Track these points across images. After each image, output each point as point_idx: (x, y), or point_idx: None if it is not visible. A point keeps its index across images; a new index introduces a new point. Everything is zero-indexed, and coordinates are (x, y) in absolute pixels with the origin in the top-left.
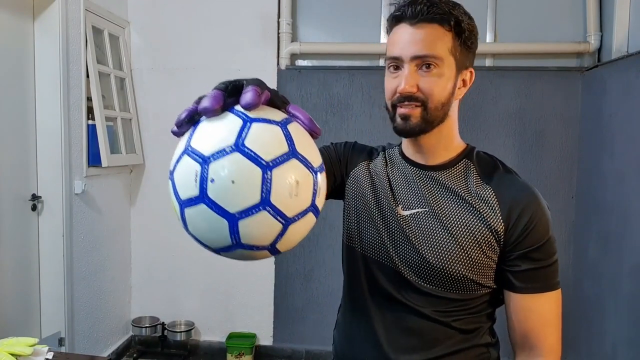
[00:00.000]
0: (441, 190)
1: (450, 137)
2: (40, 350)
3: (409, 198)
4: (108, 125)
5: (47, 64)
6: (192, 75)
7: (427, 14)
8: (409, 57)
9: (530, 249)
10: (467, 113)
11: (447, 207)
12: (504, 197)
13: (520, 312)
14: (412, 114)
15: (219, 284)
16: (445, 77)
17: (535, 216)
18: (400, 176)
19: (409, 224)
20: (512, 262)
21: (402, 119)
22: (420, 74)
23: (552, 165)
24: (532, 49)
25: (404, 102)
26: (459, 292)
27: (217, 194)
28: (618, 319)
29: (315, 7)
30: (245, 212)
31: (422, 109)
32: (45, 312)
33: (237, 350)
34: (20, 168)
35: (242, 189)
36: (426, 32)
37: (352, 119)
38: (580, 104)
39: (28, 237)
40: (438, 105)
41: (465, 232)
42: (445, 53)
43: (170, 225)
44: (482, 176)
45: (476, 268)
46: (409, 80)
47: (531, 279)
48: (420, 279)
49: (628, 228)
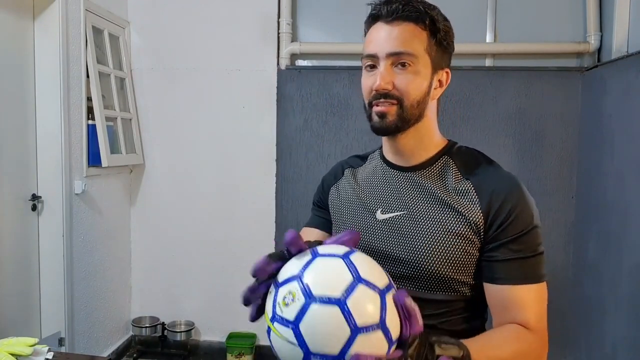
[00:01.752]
0: (418, 191)
1: (428, 136)
2: (40, 350)
3: (388, 201)
4: (108, 125)
5: (47, 64)
6: (192, 75)
7: (402, 12)
8: (384, 54)
9: (511, 238)
10: (467, 113)
11: (423, 208)
12: (484, 188)
13: (499, 304)
14: (388, 111)
15: (219, 284)
16: (420, 75)
17: (516, 206)
18: (381, 180)
19: (385, 228)
20: (491, 252)
21: (379, 117)
22: (396, 72)
23: (552, 165)
24: (532, 49)
25: (380, 100)
26: (443, 293)
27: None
28: (618, 319)
29: (315, 7)
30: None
31: (398, 107)
32: (45, 312)
33: (237, 350)
34: (20, 168)
35: None
36: (401, 29)
37: (352, 119)
38: (580, 104)
39: (28, 237)
40: (414, 103)
41: (442, 232)
42: (421, 51)
43: (170, 225)
44: (462, 171)
45: (457, 266)
46: (384, 77)
47: (511, 270)
48: (401, 284)
49: (628, 228)
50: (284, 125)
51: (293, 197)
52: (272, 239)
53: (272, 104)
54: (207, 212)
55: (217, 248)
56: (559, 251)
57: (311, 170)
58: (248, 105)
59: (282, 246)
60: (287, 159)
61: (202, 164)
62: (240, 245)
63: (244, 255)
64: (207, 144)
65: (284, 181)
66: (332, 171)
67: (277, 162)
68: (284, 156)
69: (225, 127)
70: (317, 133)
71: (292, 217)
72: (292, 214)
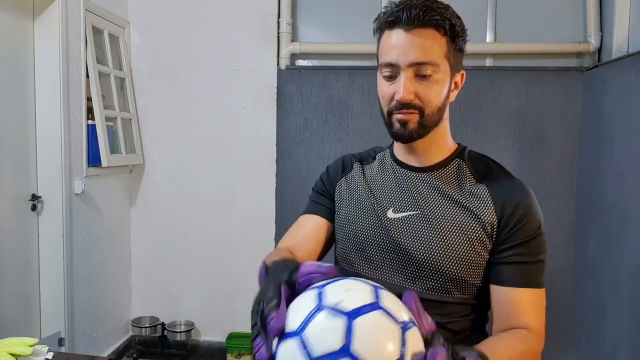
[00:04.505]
0: (432, 192)
1: (443, 138)
2: (40, 350)
3: (400, 201)
4: (108, 125)
5: (47, 64)
6: (192, 75)
7: (422, 19)
8: (406, 63)
9: (519, 242)
10: (467, 113)
11: (438, 208)
12: (498, 193)
13: (503, 305)
14: (409, 119)
15: (219, 284)
16: (440, 82)
17: (527, 212)
18: (392, 179)
19: (398, 227)
20: (500, 254)
21: (401, 125)
22: (418, 81)
23: (552, 165)
24: (532, 49)
25: (402, 109)
26: (452, 294)
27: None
28: (618, 319)
29: (315, 7)
30: None
31: (419, 115)
32: (45, 312)
33: (237, 350)
34: (20, 168)
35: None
36: (422, 38)
37: (352, 119)
38: (580, 104)
39: (28, 237)
40: (434, 110)
41: (457, 232)
42: (441, 58)
43: (170, 225)
44: (476, 174)
45: (469, 267)
46: (407, 88)
47: (517, 272)
48: (412, 284)
49: (628, 228)
50: (284, 125)
51: (293, 197)
52: (272, 238)
53: (272, 104)
54: (207, 211)
55: (217, 248)
56: (559, 251)
57: (311, 170)
58: (248, 105)
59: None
60: (287, 159)
61: (202, 164)
62: (240, 245)
63: (244, 255)
64: (207, 144)
65: (284, 181)
66: (339, 163)
67: (277, 162)
68: (284, 156)
69: (225, 127)
70: (317, 133)
71: (292, 217)
72: (292, 214)
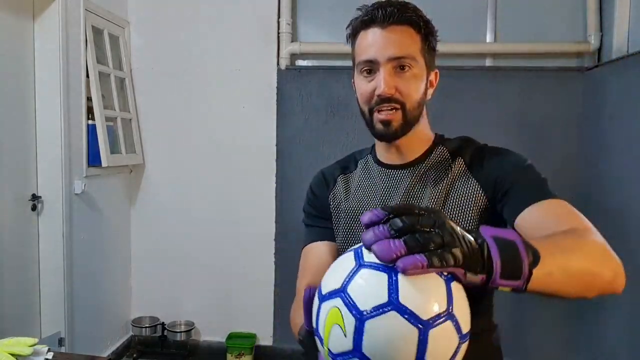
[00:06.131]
0: (420, 185)
1: (423, 132)
2: (40, 350)
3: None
4: (108, 125)
5: (47, 64)
6: (192, 75)
7: (398, 16)
8: (385, 58)
9: (515, 176)
10: (467, 113)
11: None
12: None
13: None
14: (393, 118)
15: (219, 284)
16: (419, 77)
17: (504, 156)
18: (379, 182)
19: None
20: (504, 197)
21: (384, 125)
22: (397, 76)
23: (552, 165)
24: (532, 49)
25: (383, 105)
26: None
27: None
28: (618, 319)
29: (315, 7)
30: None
31: (402, 112)
32: (45, 312)
33: (237, 350)
34: (20, 168)
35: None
36: (399, 34)
37: (352, 119)
38: (581, 104)
39: (28, 237)
40: (415, 105)
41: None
42: (418, 54)
43: (170, 225)
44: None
45: None
46: (388, 82)
47: (531, 192)
48: None
49: (628, 228)
50: (283, 126)
51: (293, 198)
52: (272, 239)
53: (272, 104)
54: (207, 212)
55: (217, 248)
56: None
57: (311, 171)
58: (248, 105)
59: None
60: (287, 159)
61: (202, 164)
62: (240, 245)
63: (244, 255)
64: (207, 144)
65: (284, 181)
66: (321, 180)
67: (277, 162)
68: (283, 156)
69: (225, 127)
70: (317, 133)
71: (292, 217)
72: (292, 214)
